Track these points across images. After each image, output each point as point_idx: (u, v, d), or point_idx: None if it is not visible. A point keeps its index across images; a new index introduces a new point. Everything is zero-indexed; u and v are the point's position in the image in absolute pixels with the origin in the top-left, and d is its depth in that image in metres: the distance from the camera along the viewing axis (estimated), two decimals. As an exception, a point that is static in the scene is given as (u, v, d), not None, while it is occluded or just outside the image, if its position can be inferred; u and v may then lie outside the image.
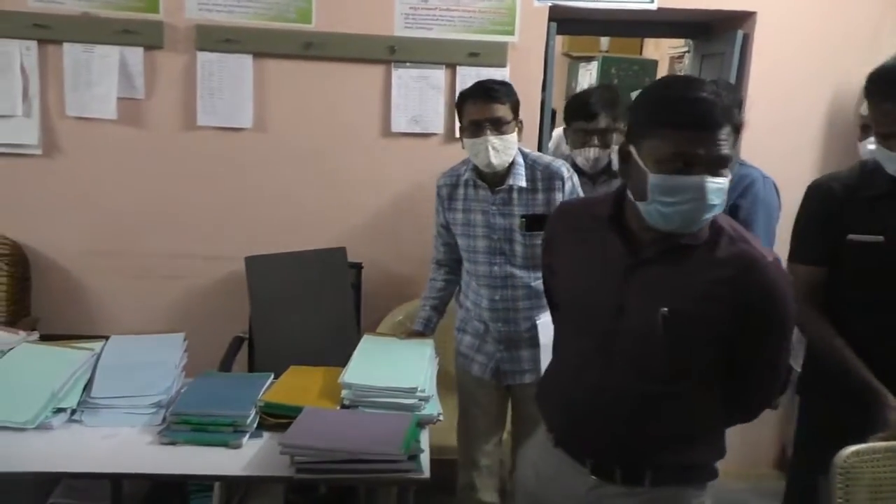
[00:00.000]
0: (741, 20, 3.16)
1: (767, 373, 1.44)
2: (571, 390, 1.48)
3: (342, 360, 2.10)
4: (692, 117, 1.22)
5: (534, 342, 2.23)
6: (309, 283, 2.81)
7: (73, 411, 1.88)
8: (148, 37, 2.86)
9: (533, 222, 2.16)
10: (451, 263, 2.40)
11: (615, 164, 2.28)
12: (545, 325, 2.16)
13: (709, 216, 1.28)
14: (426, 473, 1.65)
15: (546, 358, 2.12)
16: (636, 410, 1.40)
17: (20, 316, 2.87)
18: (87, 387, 1.94)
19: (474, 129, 2.12)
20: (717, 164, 1.24)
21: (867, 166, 1.83)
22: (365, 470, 1.60)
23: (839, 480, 1.52)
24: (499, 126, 2.10)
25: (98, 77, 2.87)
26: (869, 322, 1.76)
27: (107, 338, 2.14)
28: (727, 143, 1.24)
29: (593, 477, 1.44)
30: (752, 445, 3.15)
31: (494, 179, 2.18)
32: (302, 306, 2.75)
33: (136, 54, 2.88)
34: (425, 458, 1.69)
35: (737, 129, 1.25)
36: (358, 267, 2.99)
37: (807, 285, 1.84)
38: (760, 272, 1.32)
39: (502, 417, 2.41)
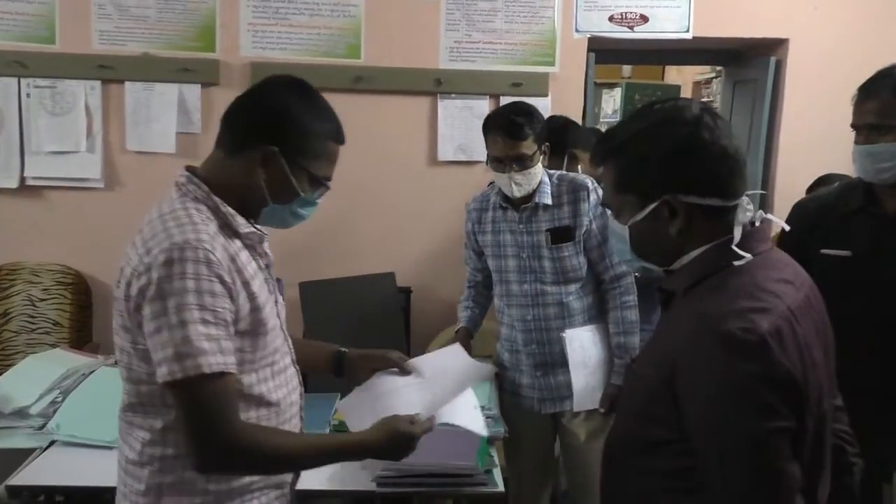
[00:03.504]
0: (773, 47, 3.26)
1: None
2: None
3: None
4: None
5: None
6: (360, 307, 2.90)
7: (155, 431, 1.96)
8: (205, 74, 3.01)
9: (557, 235, 2.14)
10: (478, 286, 2.40)
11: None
12: (573, 338, 2.14)
13: None
14: (501, 487, 1.72)
15: (578, 376, 2.12)
16: None
17: (83, 342, 2.98)
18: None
19: (497, 164, 2.08)
20: None
21: (849, 185, 1.87)
22: (444, 483, 1.67)
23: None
24: (522, 162, 2.05)
25: (157, 113, 3.01)
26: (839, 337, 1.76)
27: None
28: None
29: None
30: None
31: (520, 200, 2.15)
32: (353, 329, 2.84)
33: (193, 91, 3.02)
34: (498, 474, 1.76)
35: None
36: (407, 291, 3.08)
37: None
38: None
39: (551, 450, 2.35)
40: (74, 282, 3.01)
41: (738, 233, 1.06)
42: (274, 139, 1.25)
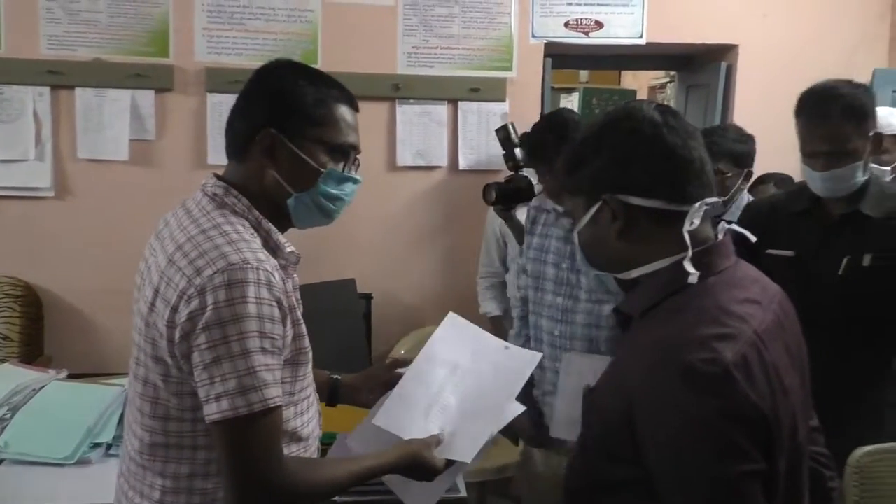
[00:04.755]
0: (724, 52, 3.34)
1: None
2: None
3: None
4: None
5: None
6: (321, 313, 2.85)
7: (109, 446, 1.92)
8: (158, 80, 2.95)
9: None
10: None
11: None
12: (571, 362, 1.92)
13: None
14: (463, 492, 1.72)
15: (562, 404, 1.89)
16: None
17: (34, 356, 2.89)
18: (121, 421, 1.98)
19: None
20: None
21: (797, 187, 1.91)
22: (406, 490, 1.66)
23: (854, 479, 1.61)
24: None
25: (110, 120, 2.95)
26: None
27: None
28: None
29: None
30: None
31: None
32: (314, 336, 2.80)
33: (146, 97, 2.96)
34: (460, 479, 1.76)
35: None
36: (368, 297, 3.07)
37: None
38: None
39: None
40: (24, 294, 2.92)
41: (686, 239, 0.97)
42: (269, 120, 1.12)
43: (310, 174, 1.16)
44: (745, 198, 2.41)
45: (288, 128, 1.13)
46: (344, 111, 1.19)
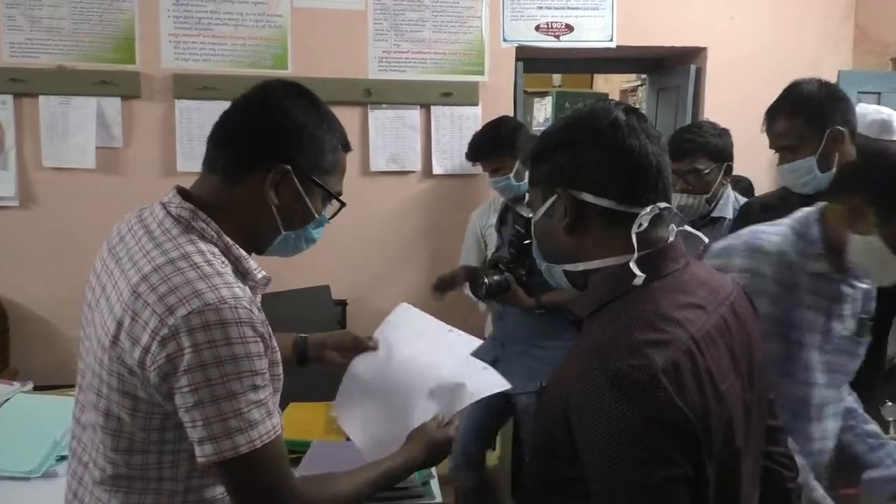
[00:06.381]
0: (693, 55, 3.38)
1: None
2: None
3: (331, 395, 2.13)
4: None
5: None
6: (295, 321, 2.82)
7: (76, 459, 1.87)
8: (125, 87, 2.91)
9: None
10: None
11: None
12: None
13: None
14: (438, 499, 1.70)
15: None
16: None
17: (-1, 369, 2.82)
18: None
19: None
20: None
21: (789, 189, 1.95)
22: (381, 498, 1.63)
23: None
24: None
25: (75, 128, 2.90)
26: None
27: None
28: None
29: None
30: None
31: None
32: (289, 345, 2.79)
33: (113, 104, 2.92)
34: (436, 485, 1.74)
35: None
36: (343, 304, 3.04)
37: None
38: None
39: None
40: (-12, 306, 2.86)
41: (633, 241, 0.97)
42: (285, 156, 1.10)
43: (305, 216, 1.17)
44: (731, 193, 2.42)
45: (301, 169, 1.13)
46: (343, 158, 1.21)
